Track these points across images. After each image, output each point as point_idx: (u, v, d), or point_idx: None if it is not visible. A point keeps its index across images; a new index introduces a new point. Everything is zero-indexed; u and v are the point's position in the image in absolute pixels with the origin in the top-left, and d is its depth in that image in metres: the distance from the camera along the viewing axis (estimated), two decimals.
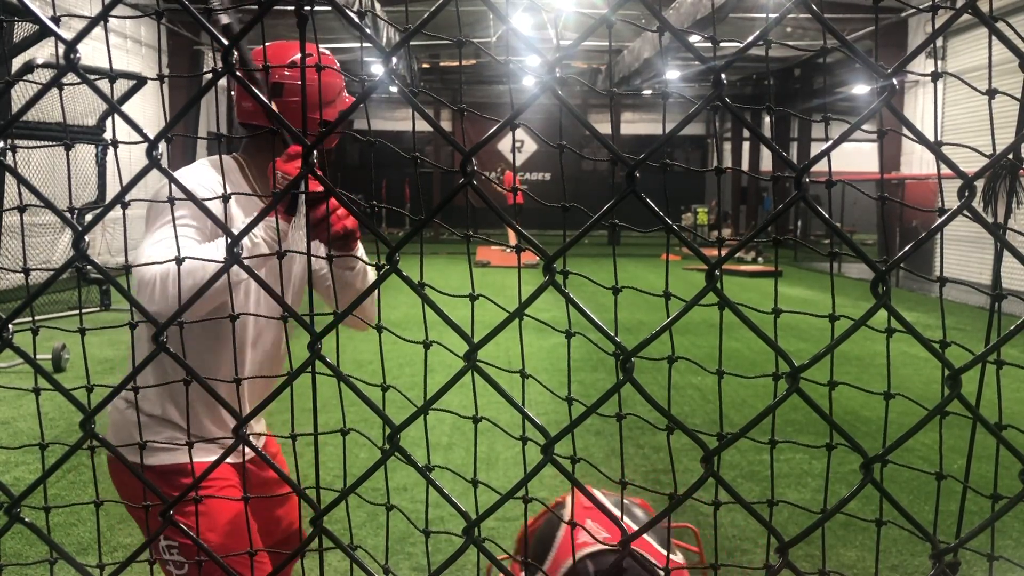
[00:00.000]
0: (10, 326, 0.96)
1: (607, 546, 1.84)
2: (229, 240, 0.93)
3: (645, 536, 2.03)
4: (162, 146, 0.93)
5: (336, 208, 1.66)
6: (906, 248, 0.92)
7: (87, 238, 0.95)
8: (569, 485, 0.98)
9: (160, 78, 1.03)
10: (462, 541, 0.97)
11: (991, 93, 0.99)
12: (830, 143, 0.93)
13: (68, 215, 0.99)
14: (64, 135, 6.98)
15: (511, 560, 2.22)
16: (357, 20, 0.90)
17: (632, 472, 4.47)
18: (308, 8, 0.97)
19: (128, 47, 14.46)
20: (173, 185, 0.96)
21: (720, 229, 6.25)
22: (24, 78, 6.19)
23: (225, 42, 0.91)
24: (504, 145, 23.92)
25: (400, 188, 24.49)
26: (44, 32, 1.13)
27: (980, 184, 1.06)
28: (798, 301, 11.29)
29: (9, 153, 1.08)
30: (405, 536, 3.59)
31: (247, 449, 1.07)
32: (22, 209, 1.08)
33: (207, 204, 1.61)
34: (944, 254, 10.68)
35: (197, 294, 0.99)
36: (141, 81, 7.78)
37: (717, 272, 0.90)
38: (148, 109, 12.87)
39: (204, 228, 1.72)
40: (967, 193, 0.91)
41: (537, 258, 0.91)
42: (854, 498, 0.95)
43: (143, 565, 1.80)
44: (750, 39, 0.91)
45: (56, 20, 0.92)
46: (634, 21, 0.97)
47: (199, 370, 1.70)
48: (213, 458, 1.37)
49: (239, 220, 1.79)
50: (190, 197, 0.95)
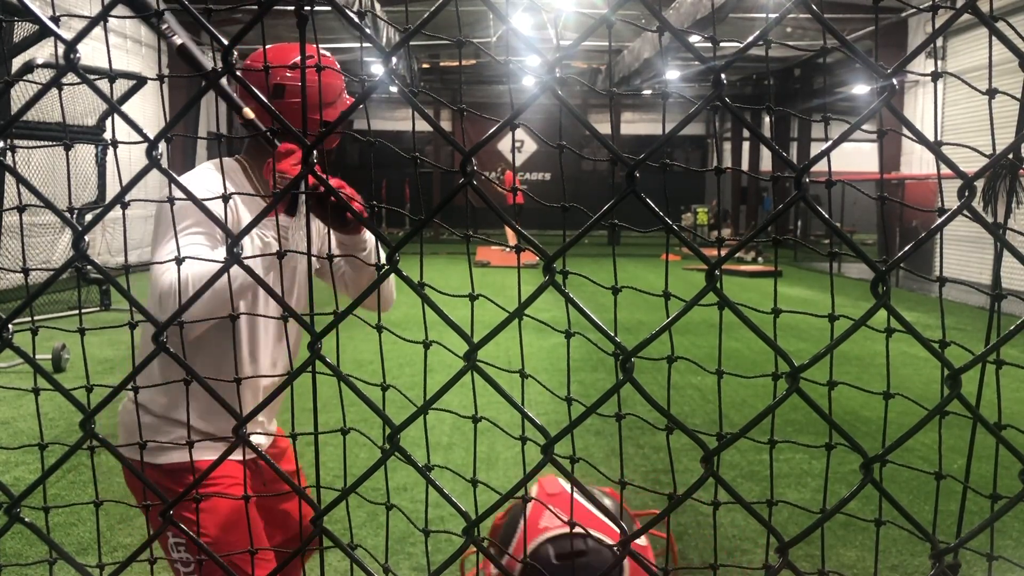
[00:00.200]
0: (10, 326, 0.96)
1: (567, 530, 1.97)
2: (229, 240, 0.93)
3: (607, 521, 2.09)
4: (162, 146, 0.93)
5: (338, 189, 1.68)
6: (906, 248, 0.92)
7: (87, 238, 0.95)
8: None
9: (160, 78, 1.04)
10: (462, 541, 0.97)
11: (991, 93, 0.99)
12: (830, 143, 0.93)
13: (68, 215, 0.99)
14: (64, 135, 6.97)
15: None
16: (357, 20, 0.90)
17: (632, 472, 4.47)
18: (308, 8, 0.97)
19: (128, 47, 14.46)
20: (176, 187, 0.97)
21: (720, 229, 6.24)
22: (24, 78, 6.19)
23: (225, 42, 0.91)
24: (504, 145, 23.93)
25: (400, 188, 24.49)
26: (44, 32, 1.13)
27: (980, 184, 1.07)
28: (798, 301, 11.29)
29: (9, 153, 1.08)
30: (405, 536, 3.59)
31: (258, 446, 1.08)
32: (21, 209, 1.08)
33: (216, 208, 1.62)
34: (944, 254, 10.68)
35: (197, 295, 0.99)
36: (141, 81, 7.78)
37: (717, 272, 0.90)
38: (148, 109, 12.88)
39: (214, 234, 1.73)
40: (967, 193, 0.91)
41: (537, 258, 0.91)
42: (854, 498, 0.96)
43: (143, 565, 1.80)
44: (750, 39, 0.91)
45: (56, 20, 0.92)
46: (634, 21, 0.97)
47: (219, 370, 1.72)
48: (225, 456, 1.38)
49: (247, 222, 1.81)
50: (191, 199, 0.95)
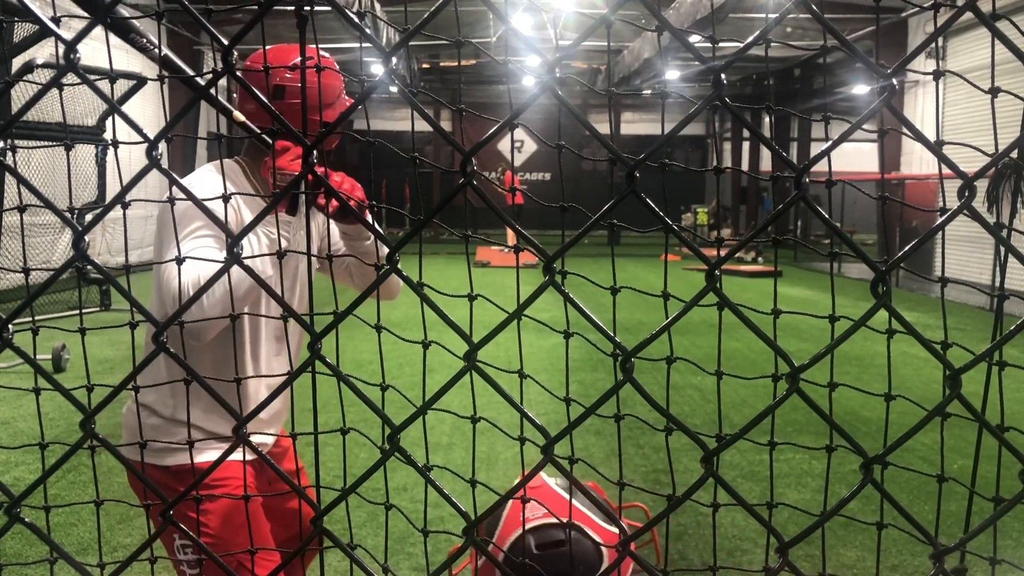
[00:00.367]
0: (10, 326, 0.96)
1: (548, 520, 2.03)
2: (230, 240, 0.93)
3: (587, 512, 2.12)
4: (162, 146, 0.93)
5: (341, 184, 1.70)
6: (906, 248, 0.92)
7: (87, 238, 0.95)
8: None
9: (160, 78, 1.04)
10: (462, 541, 0.97)
11: (993, 92, 0.99)
12: (830, 143, 0.93)
13: (68, 215, 0.99)
14: (64, 135, 6.99)
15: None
16: (357, 20, 0.90)
17: (632, 472, 4.47)
18: (308, 8, 0.97)
19: (128, 47, 14.45)
20: (176, 188, 0.97)
21: (720, 229, 6.24)
22: (24, 78, 6.19)
23: (225, 43, 0.91)
24: (504, 145, 23.92)
25: (400, 188, 24.49)
26: (44, 32, 1.13)
27: (982, 185, 1.06)
28: (798, 301, 11.29)
29: (9, 153, 1.08)
30: (405, 536, 3.59)
31: (261, 447, 1.08)
32: (22, 209, 1.08)
33: (218, 209, 1.63)
34: (944, 254, 10.67)
35: (199, 293, 0.98)
36: (141, 81, 7.78)
37: (717, 272, 0.90)
38: (148, 109, 12.87)
39: (223, 236, 1.74)
40: (967, 193, 0.91)
41: (537, 258, 0.91)
42: (854, 498, 0.95)
43: (144, 565, 1.80)
44: (750, 39, 0.91)
45: (56, 20, 0.92)
46: (634, 21, 0.97)
47: (223, 371, 1.72)
48: (228, 457, 1.39)
49: (260, 232, 1.81)
50: (193, 200, 0.95)
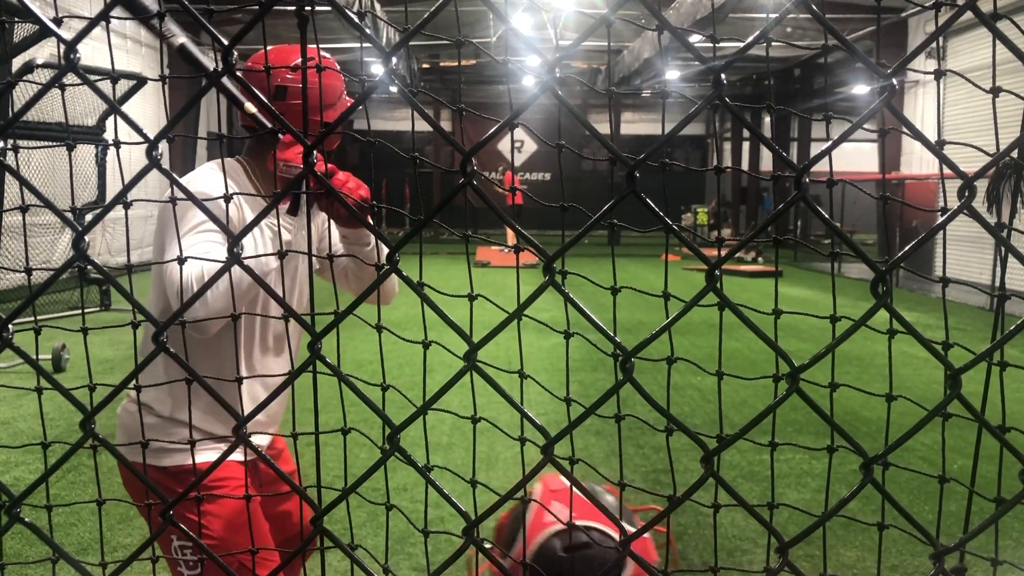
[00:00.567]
0: (10, 326, 0.96)
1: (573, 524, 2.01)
2: (230, 240, 0.93)
3: (612, 514, 2.13)
4: (162, 146, 0.93)
5: (346, 182, 1.68)
6: (906, 248, 0.92)
7: (87, 238, 0.95)
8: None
9: (161, 79, 1.03)
10: (462, 541, 0.97)
11: (995, 92, 0.99)
12: (830, 143, 0.93)
13: (68, 215, 0.99)
14: (65, 135, 6.99)
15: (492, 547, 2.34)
16: (357, 20, 0.90)
17: (632, 472, 4.47)
18: (308, 8, 0.97)
19: (128, 47, 14.46)
20: (176, 188, 0.97)
21: (720, 229, 6.24)
22: (24, 78, 6.19)
23: (225, 43, 0.91)
24: (504, 145, 23.91)
25: (400, 188, 24.48)
26: (44, 32, 1.13)
27: (982, 185, 1.06)
28: (798, 301, 11.28)
29: (10, 153, 1.08)
30: (405, 536, 3.59)
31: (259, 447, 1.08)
32: (24, 209, 1.08)
33: (219, 207, 1.62)
34: (945, 254, 10.67)
35: (203, 290, 0.99)
36: (141, 81, 7.78)
37: (717, 272, 0.90)
38: (148, 109, 12.88)
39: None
40: (967, 193, 0.91)
41: (537, 258, 0.91)
42: (854, 498, 0.95)
43: (144, 565, 1.80)
44: (750, 39, 0.91)
45: (56, 20, 0.92)
46: (634, 21, 0.97)
47: (221, 370, 1.73)
48: (227, 458, 1.39)
49: (263, 227, 1.81)
50: (193, 200, 0.95)
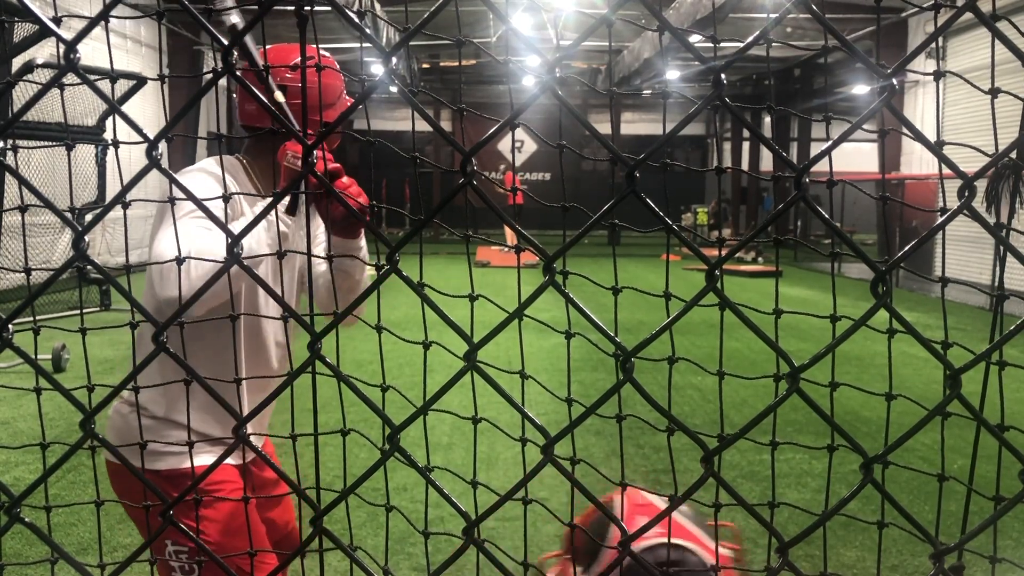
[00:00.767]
0: (10, 326, 0.96)
1: (663, 540, 1.98)
2: (230, 240, 0.93)
3: (696, 531, 2.11)
4: (162, 146, 0.93)
5: (349, 187, 1.67)
6: (906, 248, 0.92)
7: (87, 238, 0.95)
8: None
9: (160, 78, 1.03)
10: (462, 541, 0.97)
11: (993, 92, 0.99)
12: (830, 143, 0.93)
13: (68, 215, 0.99)
14: (64, 135, 6.99)
15: (561, 557, 2.33)
16: (357, 20, 0.90)
17: (632, 472, 4.47)
18: (308, 8, 0.97)
19: (128, 47, 14.46)
20: (175, 185, 0.96)
21: (720, 229, 6.25)
22: (24, 78, 6.19)
23: (225, 42, 0.91)
24: (504, 145, 23.90)
25: (400, 188, 24.48)
26: (44, 32, 1.13)
27: (982, 185, 1.06)
28: (798, 301, 11.28)
29: (10, 153, 1.08)
30: (405, 536, 3.59)
31: (248, 450, 1.07)
32: (23, 209, 1.08)
33: (215, 202, 1.61)
34: (944, 254, 10.66)
35: (199, 289, 0.98)
36: (141, 81, 7.79)
37: (717, 272, 0.90)
38: (148, 109, 12.88)
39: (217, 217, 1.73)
40: (967, 193, 0.91)
41: (537, 258, 0.91)
42: (854, 498, 0.95)
43: (143, 565, 1.80)
44: (750, 39, 0.91)
45: (56, 20, 0.92)
46: (634, 21, 0.97)
47: (216, 370, 1.72)
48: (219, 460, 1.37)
49: (246, 218, 1.80)
50: (192, 199, 0.95)
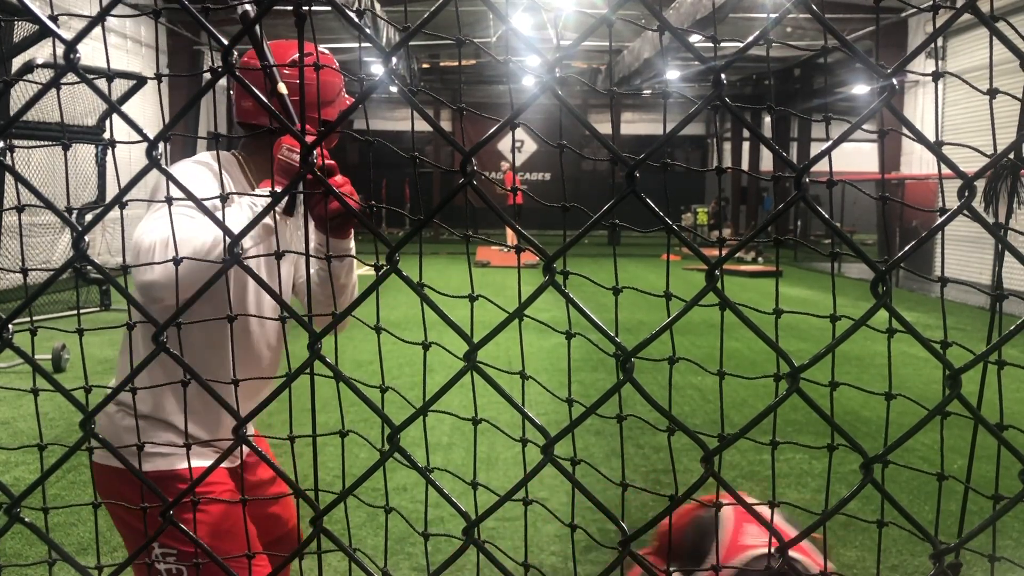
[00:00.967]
0: (10, 326, 0.96)
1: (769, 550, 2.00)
2: (229, 240, 0.93)
3: (807, 544, 2.11)
4: (162, 146, 0.93)
5: (343, 186, 1.66)
6: (906, 248, 0.92)
7: (87, 238, 0.95)
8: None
9: (158, 77, 1.03)
10: (462, 541, 0.96)
11: (992, 93, 0.99)
12: (830, 143, 0.93)
13: (68, 215, 0.99)
14: (63, 135, 6.96)
15: (652, 554, 2.31)
16: (356, 20, 0.90)
17: (632, 472, 4.47)
18: (307, 8, 0.96)
19: (128, 47, 14.47)
20: (173, 184, 0.96)
21: (720, 229, 6.26)
22: (24, 78, 6.19)
23: (225, 42, 0.91)
24: (504, 145, 23.91)
25: (400, 188, 24.48)
26: (44, 32, 1.13)
27: (980, 184, 1.06)
28: (798, 301, 11.28)
29: (8, 153, 1.07)
30: (405, 536, 3.59)
31: (238, 453, 1.07)
32: (20, 209, 1.08)
33: (207, 194, 1.60)
34: (944, 254, 10.66)
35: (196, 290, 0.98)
36: (140, 81, 7.79)
37: (717, 272, 0.90)
38: (148, 109, 12.88)
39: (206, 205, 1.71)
40: (967, 193, 0.91)
41: (537, 258, 0.90)
42: (854, 498, 0.95)
43: (137, 565, 1.80)
44: (750, 39, 0.91)
45: (53, 19, 0.92)
46: (634, 21, 0.97)
47: (200, 369, 1.71)
48: (209, 463, 1.36)
49: (244, 205, 1.77)
50: (192, 199, 0.95)
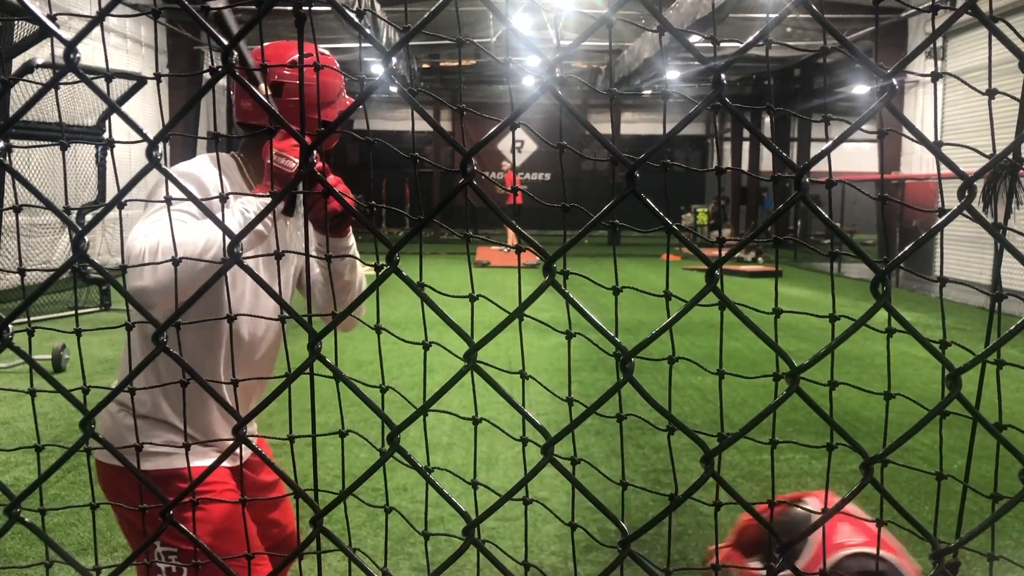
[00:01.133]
0: (10, 326, 0.96)
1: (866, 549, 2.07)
2: (229, 240, 0.93)
3: (895, 544, 2.22)
4: (162, 146, 0.93)
5: (336, 186, 1.66)
6: (906, 248, 0.92)
7: (87, 238, 0.95)
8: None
9: (157, 77, 1.03)
10: (462, 541, 0.96)
11: (991, 93, 0.99)
12: (830, 143, 0.93)
13: (68, 215, 0.99)
14: (62, 135, 6.96)
15: (730, 548, 2.35)
16: (356, 20, 0.90)
17: (632, 472, 4.47)
18: (307, 8, 0.96)
19: (128, 47, 14.47)
20: (170, 182, 0.96)
21: (720, 229, 6.26)
22: (24, 78, 6.19)
23: (225, 42, 0.91)
24: (504, 145, 23.90)
25: (400, 188, 24.48)
26: (44, 32, 1.13)
27: (980, 184, 1.06)
28: (798, 301, 11.28)
29: (8, 153, 1.07)
30: (405, 536, 3.59)
31: (241, 452, 1.06)
32: (18, 209, 1.08)
33: (206, 196, 1.60)
34: (944, 254, 10.67)
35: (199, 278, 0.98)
36: (140, 81, 7.79)
37: (717, 272, 0.90)
38: (148, 109, 12.88)
39: (194, 209, 1.70)
40: (967, 193, 0.91)
41: (537, 258, 0.90)
42: (854, 498, 0.95)
43: (145, 564, 1.80)
44: (750, 39, 0.91)
45: (55, 20, 0.92)
46: (634, 21, 0.97)
47: (197, 369, 1.70)
48: (209, 462, 1.36)
49: (236, 210, 1.77)
50: (192, 199, 0.95)
